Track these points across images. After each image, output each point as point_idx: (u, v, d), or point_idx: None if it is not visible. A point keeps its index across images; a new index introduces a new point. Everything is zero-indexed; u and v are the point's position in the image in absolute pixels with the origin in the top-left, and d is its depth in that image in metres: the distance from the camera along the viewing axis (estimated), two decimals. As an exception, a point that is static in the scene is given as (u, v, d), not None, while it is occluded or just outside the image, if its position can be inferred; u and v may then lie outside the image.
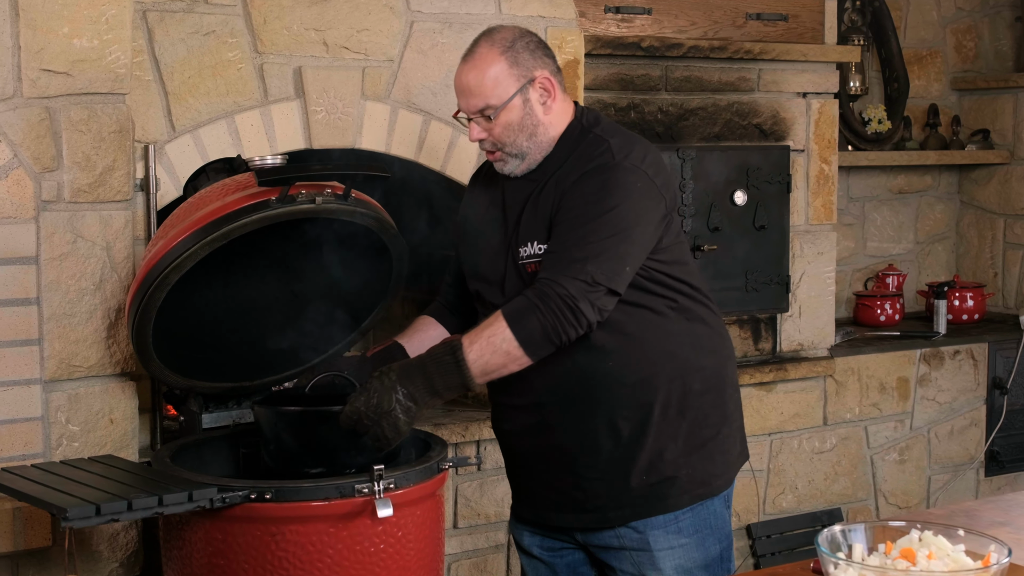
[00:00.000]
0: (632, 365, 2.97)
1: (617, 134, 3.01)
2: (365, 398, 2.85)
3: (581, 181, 2.91)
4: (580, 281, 2.82)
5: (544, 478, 3.11)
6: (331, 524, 2.88)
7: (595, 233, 2.85)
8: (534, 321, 2.82)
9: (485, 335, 2.84)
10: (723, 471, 3.07)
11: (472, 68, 2.99)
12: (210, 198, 3.12)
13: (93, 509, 2.65)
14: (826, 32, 5.17)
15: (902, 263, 6.25)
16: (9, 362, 3.29)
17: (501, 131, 3.00)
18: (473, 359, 2.83)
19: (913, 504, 5.53)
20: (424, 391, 2.85)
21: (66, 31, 3.30)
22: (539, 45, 3.03)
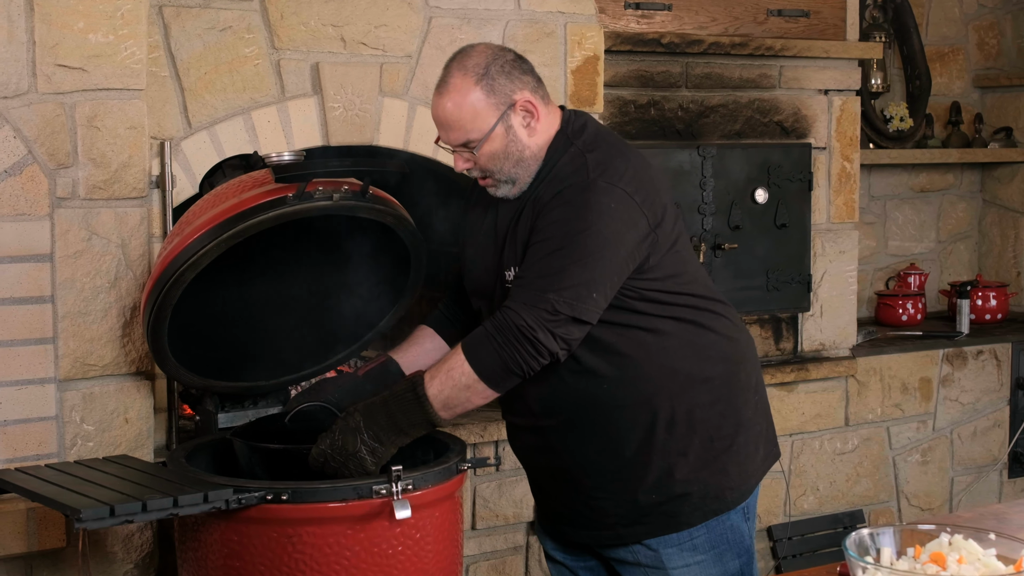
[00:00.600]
0: (629, 386, 2.90)
1: (598, 147, 2.89)
2: (331, 440, 2.84)
3: (553, 203, 2.82)
4: (540, 310, 2.74)
5: (557, 496, 3.07)
6: (348, 526, 2.84)
7: (561, 259, 2.76)
8: (491, 353, 2.76)
9: (444, 369, 2.80)
10: (739, 482, 2.98)
11: (447, 100, 2.87)
12: (226, 195, 3.08)
13: (107, 510, 2.62)
14: (848, 28, 5.12)
15: (924, 262, 6.20)
16: (23, 361, 3.26)
17: (487, 161, 2.90)
18: (434, 394, 2.79)
19: (936, 506, 5.47)
20: (389, 431, 2.83)
21: (81, 26, 3.27)
22: (514, 64, 2.90)
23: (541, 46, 4.14)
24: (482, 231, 3.04)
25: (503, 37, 4.06)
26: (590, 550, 3.09)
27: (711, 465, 2.93)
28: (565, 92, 4.20)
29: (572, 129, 2.94)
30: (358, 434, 2.82)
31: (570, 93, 4.21)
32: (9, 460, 3.24)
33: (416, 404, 2.81)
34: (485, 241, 3.02)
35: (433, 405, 2.80)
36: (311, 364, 3.47)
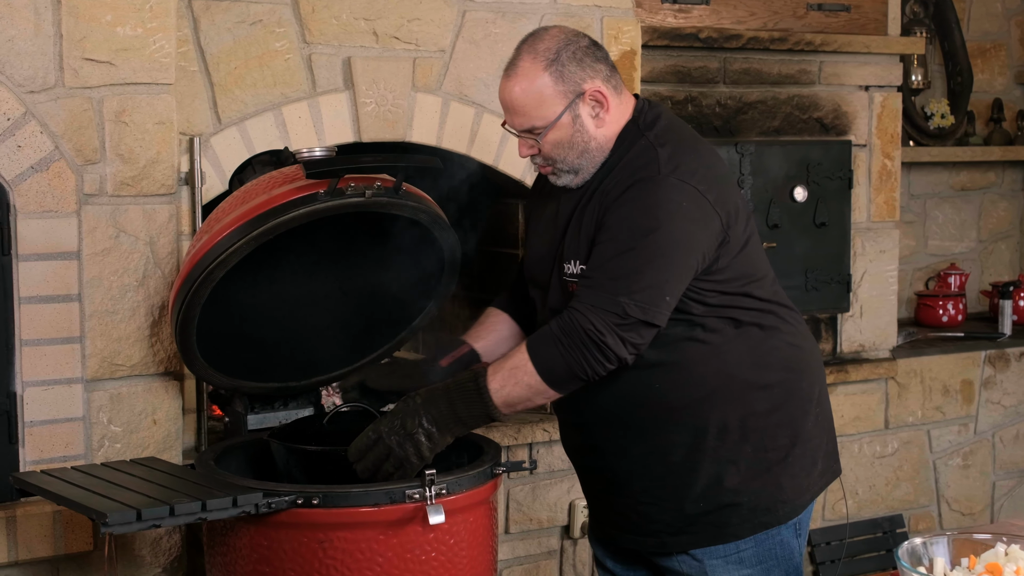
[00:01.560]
0: (681, 388, 2.81)
1: (669, 141, 2.80)
2: (389, 418, 2.76)
3: (623, 198, 2.72)
4: (610, 314, 2.65)
5: (605, 498, 2.99)
6: (381, 531, 2.77)
7: (632, 260, 2.67)
8: (556, 355, 2.68)
9: (508, 366, 2.73)
10: (792, 496, 2.87)
11: (515, 84, 2.79)
12: (256, 191, 3.02)
13: (134, 514, 2.56)
14: (889, 23, 5.04)
15: (964, 262, 6.10)
16: (50, 360, 3.21)
17: (550, 149, 2.82)
18: (495, 389, 2.72)
19: (977, 511, 5.38)
20: (448, 418, 2.75)
21: (109, 19, 3.22)
22: (588, 51, 2.81)
23: (577, 41, 4.06)
24: (543, 220, 2.96)
25: (538, 31, 3.99)
26: (641, 559, 3.01)
27: (763, 476, 2.83)
28: (601, 88, 4.12)
29: (644, 120, 2.85)
30: (417, 416, 2.74)
31: (606, 89, 4.13)
32: (35, 462, 3.19)
33: (477, 396, 2.74)
34: (545, 230, 2.94)
35: (494, 400, 2.73)
36: (342, 364, 3.41)
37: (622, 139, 2.83)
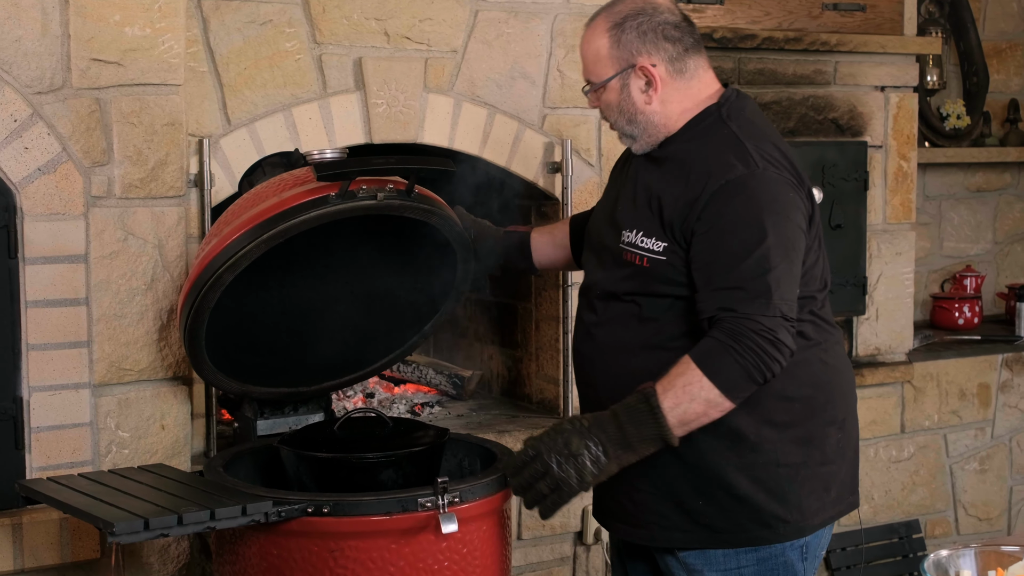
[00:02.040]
0: None
1: (754, 135, 2.76)
2: (552, 434, 2.64)
3: (725, 195, 2.66)
4: (774, 317, 2.60)
5: (603, 483, 2.86)
6: (393, 540, 2.73)
7: (765, 260, 2.61)
8: (731, 363, 2.59)
9: (679, 384, 2.61)
10: (796, 517, 2.77)
11: (585, 37, 2.86)
12: (266, 194, 2.97)
13: (141, 523, 2.52)
14: (905, 23, 4.98)
15: (980, 264, 6.05)
16: (57, 365, 3.17)
17: (604, 108, 2.86)
18: (669, 407, 2.60)
19: (994, 516, 5.33)
20: (617, 443, 2.62)
21: (117, 19, 3.18)
22: (660, 28, 2.78)
23: (590, 41, 4.01)
24: (612, 188, 2.98)
25: (551, 31, 3.95)
26: (645, 558, 2.95)
27: (771, 490, 2.74)
28: (615, 88, 4.07)
29: (729, 109, 2.81)
30: (584, 437, 2.62)
31: (620, 89, 4.09)
32: (42, 468, 3.14)
33: (650, 417, 2.62)
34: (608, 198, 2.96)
35: (668, 419, 2.61)
36: (353, 369, 3.37)
37: (698, 122, 2.80)
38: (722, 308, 2.63)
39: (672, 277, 2.72)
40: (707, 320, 2.65)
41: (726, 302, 2.63)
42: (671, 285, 2.72)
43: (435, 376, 4.31)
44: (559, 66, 3.97)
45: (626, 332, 2.79)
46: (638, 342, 2.77)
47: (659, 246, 2.73)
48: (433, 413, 4.10)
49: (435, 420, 4.01)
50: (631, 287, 2.77)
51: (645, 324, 2.76)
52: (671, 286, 2.72)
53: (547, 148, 3.98)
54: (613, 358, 2.80)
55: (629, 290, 2.78)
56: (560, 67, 3.97)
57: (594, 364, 2.86)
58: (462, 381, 4.27)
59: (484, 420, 4.05)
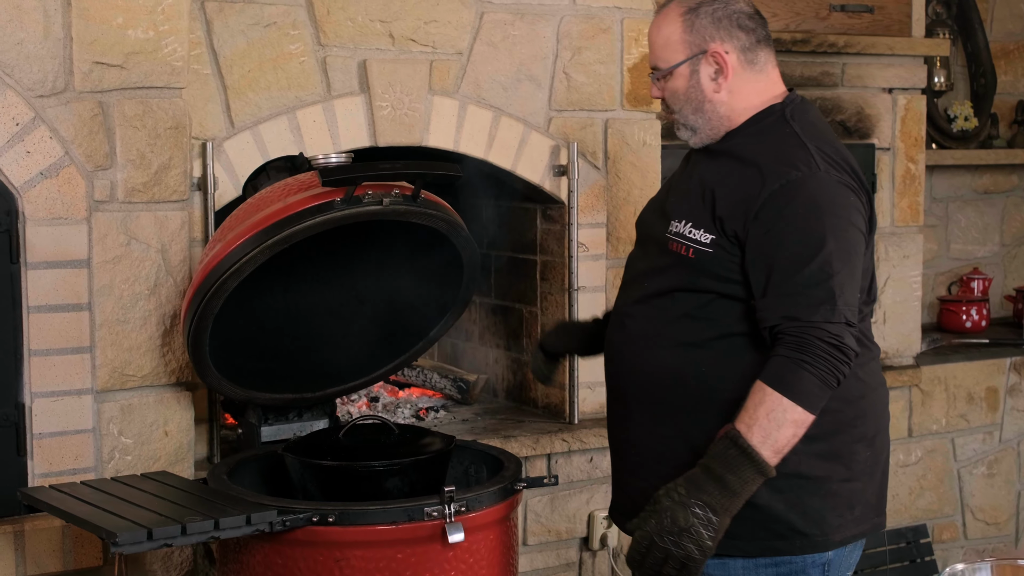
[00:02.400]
0: (729, 380, 2.67)
1: (816, 138, 2.73)
2: (655, 520, 2.57)
3: (784, 197, 2.61)
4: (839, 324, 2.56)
5: (619, 476, 2.88)
6: (399, 549, 2.70)
7: (828, 265, 2.57)
8: (806, 377, 2.55)
9: (762, 414, 2.55)
10: (816, 532, 2.71)
11: (655, 23, 2.81)
12: (271, 199, 2.94)
13: (145, 534, 2.49)
14: (913, 24, 4.95)
15: (987, 266, 6.01)
16: (59, 371, 3.14)
17: (669, 96, 2.80)
18: (759, 442, 2.54)
19: (1002, 520, 5.29)
20: (721, 496, 2.55)
21: (120, 21, 3.15)
22: (735, 16, 2.75)
23: (597, 43, 3.99)
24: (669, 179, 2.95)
25: (557, 33, 3.91)
26: None
27: (790, 501, 2.68)
28: (621, 91, 4.04)
29: (793, 110, 2.77)
30: (687, 507, 2.54)
31: (626, 92, 4.06)
32: (45, 475, 3.12)
33: (744, 459, 2.55)
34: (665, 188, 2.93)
35: (762, 454, 2.55)
36: (358, 375, 3.33)
37: (761, 119, 2.76)
38: (786, 317, 2.58)
39: (716, 272, 2.67)
40: (769, 329, 2.61)
41: (790, 310, 2.58)
42: (714, 280, 2.67)
43: (440, 380, 4.28)
44: (565, 68, 3.94)
45: (662, 326, 2.74)
46: (673, 338, 2.72)
47: (707, 238, 2.68)
48: (438, 417, 4.07)
49: (440, 424, 3.98)
50: (673, 279, 2.72)
51: (682, 320, 2.71)
52: (714, 281, 2.67)
53: (553, 151, 3.95)
54: (643, 350, 2.75)
55: (670, 283, 2.73)
56: (566, 69, 3.94)
57: (623, 355, 2.81)
58: (467, 385, 4.24)
59: (490, 425, 4.02)
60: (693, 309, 2.70)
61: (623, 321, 2.83)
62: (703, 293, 2.69)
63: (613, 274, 4.06)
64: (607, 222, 4.06)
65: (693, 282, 2.69)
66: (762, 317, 2.62)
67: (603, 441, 3.92)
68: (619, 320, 2.85)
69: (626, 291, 2.87)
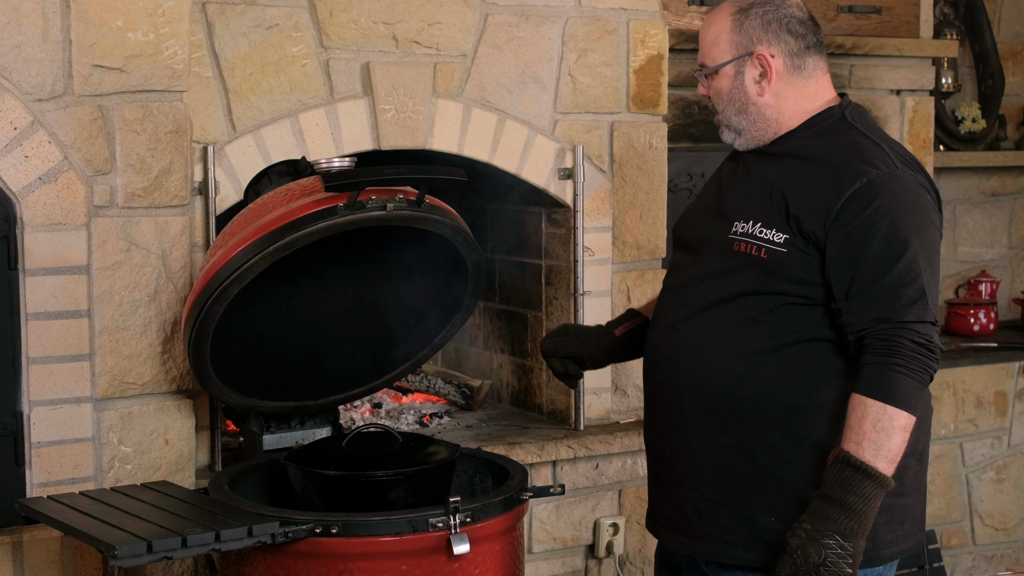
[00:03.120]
0: (795, 387, 2.63)
1: (884, 140, 2.71)
2: (790, 563, 2.53)
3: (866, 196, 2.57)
4: (928, 323, 2.55)
5: (667, 489, 2.80)
6: (403, 561, 2.67)
7: (915, 264, 2.56)
8: (903, 381, 2.52)
9: (868, 427, 2.51)
10: (870, 546, 2.64)
11: (706, 22, 2.81)
12: (273, 204, 2.90)
13: (144, 546, 2.46)
14: (921, 25, 4.92)
15: (995, 269, 5.97)
16: (58, 378, 3.09)
17: (714, 95, 2.80)
18: (872, 456, 2.51)
19: (1011, 526, 5.25)
20: (847, 520, 2.51)
21: (120, 24, 3.11)
22: (785, 21, 2.73)
23: (602, 44, 3.94)
24: (709, 188, 2.91)
25: (563, 35, 3.87)
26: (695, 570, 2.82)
27: None
28: (627, 92, 4.00)
29: (852, 112, 2.75)
30: (817, 541, 2.50)
31: (632, 94, 4.01)
32: (43, 484, 3.07)
33: (861, 476, 2.51)
34: (710, 195, 2.86)
35: (879, 468, 2.51)
36: (362, 382, 3.29)
37: (821, 120, 2.73)
38: (878, 319, 2.55)
39: (791, 273, 2.63)
40: (856, 333, 2.57)
41: (881, 312, 2.55)
42: (789, 282, 2.63)
43: (444, 386, 4.24)
44: (570, 70, 3.90)
45: (726, 332, 2.68)
46: (739, 344, 2.66)
47: (780, 237, 2.64)
48: (442, 424, 4.03)
49: (444, 431, 3.93)
50: (742, 282, 2.67)
51: (749, 326, 2.66)
52: (788, 283, 2.63)
53: (558, 154, 3.91)
54: (703, 356, 2.70)
55: (739, 286, 2.67)
56: (572, 71, 3.90)
57: (676, 362, 2.74)
58: (471, 391, 4.20)
59: (494, 431, 3.97)
60: (760, 314, 2.66)
61: (675, 326, 2.76)
62: (773, 296, 2.65)
63: (619, 279, 4.02)
64: (613, 226, 4.01)
65: (765, 284, 2.65)
66: (849, 320, 2.59)
67: (609, 448, 3.89)
68: (670, 326, 2.78)
69: (674, 297, 2.81)
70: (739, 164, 2.82)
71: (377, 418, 4.01)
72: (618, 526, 3.97)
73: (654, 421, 2.84)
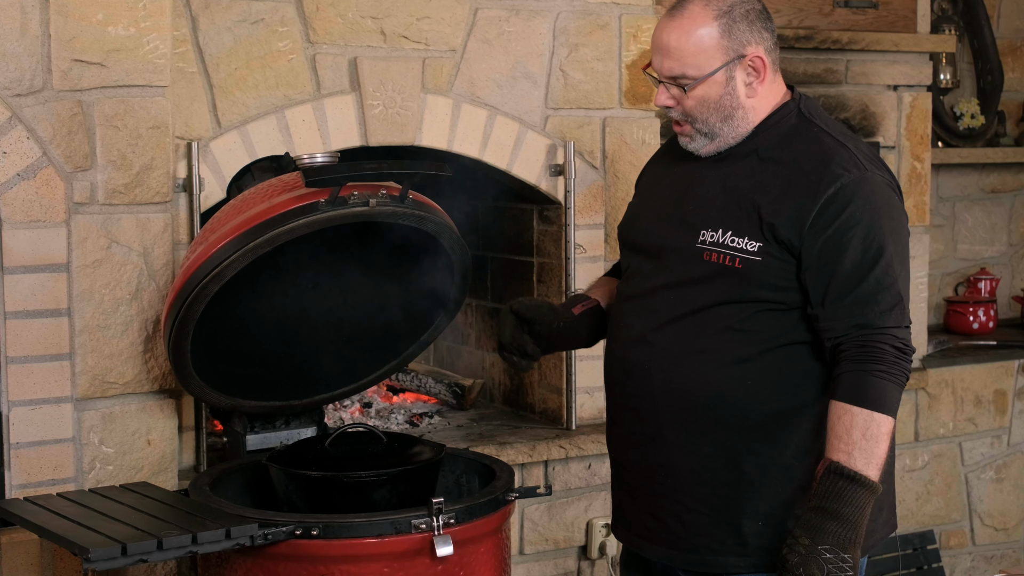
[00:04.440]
0: (775, 392, 2.60)
1: (846, 136, 2.66)
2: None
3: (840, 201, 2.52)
4: (904, 328, 2.52)
5: (645, 501, 2.74)
6: (386, 564, 2.63)
7: (891, 269, 2.52)
8: (890, 387, 2.50)
9: (857, 436, 2.49)
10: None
11: (676, 27, 2.60)
12: (254, 200, 2.86)
13: (119, 549, 2.41)
14: (919, 20, 4.86)
15: (995, 267, 5.92)
16: (38, 379, 3.05)
17: (694, 105, 2.62)
18: (863, 465, 2.49)
19: (1011, 526, 5.21)
20: (844, 531, 2.49)
21: (100, 18, 3.07)
22: (760, 14, 2.63)
23: (594, 39, 3.89)
24: (660, 186, 2.79)
25: (554, 29, 3.82)
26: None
27: None
28: (620, 89, 3.95)
29: (807, 107, 2.69)
30: (816, 555, 2.47)
31: (625, 90, 3.97)
32: (23, 486, 3.03)
33: (855, 487, 2.49)
34: (665, 195, 2.76)
35: (869, 473, 2.49)
36: (347, 382, 3.24)
37: (779, 120, 2.66)
38: (856, 326, 2.51)
39: (767, 280, 2.58)
40: (835, 339, 2.54)
41: (860, 318, 2.52)
42: (765, 289, 2.58)
43: (435, 385, 4.19)
44: (562, 65, 3.85)
45: (701, 342, 2.62)
46: (717, 353, 2.61)
47: (753, 246, 2.58)
48: (432, 424, 3.99)
49: (434, 431, 3.89)
50: (717, 292, 2.61)
51: (724, 334, 2.61)
52: (765, 290, 2.58)
53: (550, 150, 3.86)
54: (678, 368, 2.63)
55: (714, 296, 2.61)
56: (563, 66, 3.85)
57: (649, 375, 2.67)
58: (463, 390, 4.15)
59: (485, 431, 3.93)
60: (736, 322, 2.60)
61: (643, 337, 2.68)
62: (749, 304, 2.59)
63: (611, 276, 3.98)
64: (605, 223, 3.96)
65: (741, 293, 2.59)
66: (827, 327, 2.54)
67: (602, 448, 3.83)
68: (636, 336, 2.70)
69: (639, 306, 2.72)
70: (694, 166, 2.72)
71: (367, 418, 3.96)
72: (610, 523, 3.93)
73: (623, 433, 2.77)
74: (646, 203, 2.82)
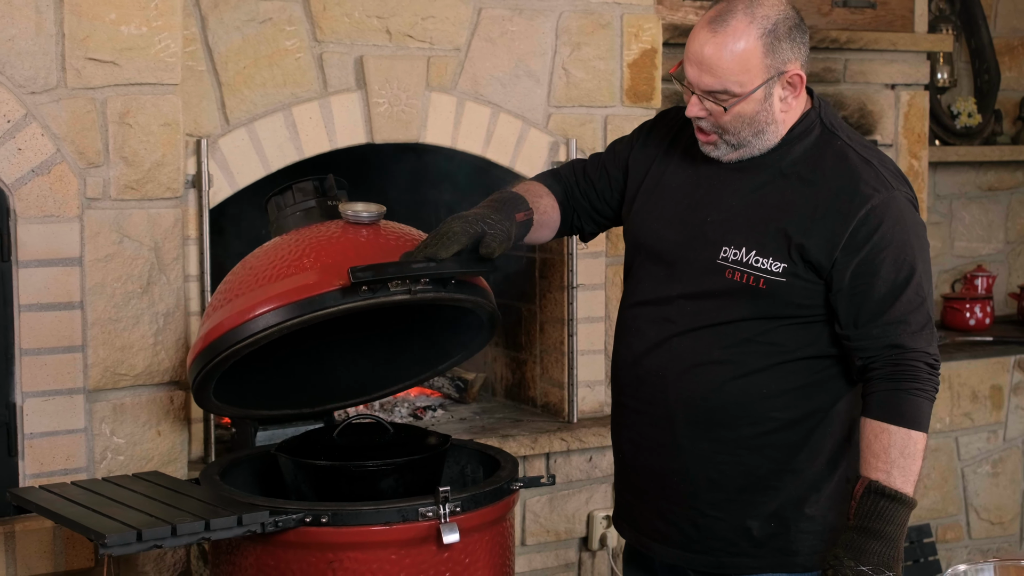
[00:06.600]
0: (791, 402, 2.62)
1: (864, 147, 2.65)
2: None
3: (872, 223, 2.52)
4: (934, 345, 2.56)
5: (656, 504, 2.75)
6: (393, 551, 2.67)
7: (921, 288, 2.54)
8: (921, 403, 2.53)
9: (895, 455, 2.51)
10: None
11: (719, 42, 2.52)
12: (295, 262, 2.76)
13: (134, 535, 2.46)
14: (916, 19, 4.93)
15: (992, 264, 5.97)
16: (50, 370, 3.10)
17: (730, 119, 2.57)
18: (901, 483, 2.51)
19: (1007, 520, 5.25)
20: (886, 549, 2.51)
21: (113, 17, 3.12)
22: (798, 27, 2.57)
23: (596, 38, 3.95)
24: (672, 187, 2.73)
25: (556, 28, 3.88)
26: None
27: (840, 507, 2.64)
28: (621, 87, 4.01)
29: (827, 117, 2.67)
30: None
31: (626, 88, 4.02)
32: (36, 475, 3.08)
33: (897, 505, 2.51)
34: (680, 199, 2.71)
35: (908, 491, 2.52)
36: (360, 393, 3.21)
37: (802, 132, 2.63)
38: (891, 346, 2.54)
39: (791, 299, 2.58)
40: (865, 358, 2.56)
41: (895, 339, 2.54)
42: (788, 307, 2.59)
43: (438, 378, 4.24)
44: (564, 64, 3.91)
45: (721, 352, 2.62)
46: (736, 364, 2.62)
47: (778, 267, 2.57)
48: (436, 416, 4.04)
49: (437, 423, 3.94)
50: (740, 309, 2.60)
51: (744, 345, 2.61)
52: (788, 307, 2.59)
53: (552, 148, 3.91)
54: (698, 377, 2.64)
55: (737, 312, 2.61)
56: (565, 65, 3.91)
57: (665, 382, 2.67)
58: (465, 384, 4.20)
59: (488, 424, 3.98)
60: (756, 335, 2.61)
61: (660, 345, 2.68)
62: (770, 319, 2.60)
63: (612, 271, 4.02)
64: (606, 219, 4.01)
65: (764, 311, 2.60)
66: (859, 347, 2.56)
67: (603, 440, 3.89)
68: (654, 343, 2.70)
69: (653, 313, 2.72)
70: (711, 170, 2.68)
71: (371, 411, 4.01)
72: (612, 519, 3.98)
73: (633, 436, 2.78)
74: (655, 201, 2.77)
